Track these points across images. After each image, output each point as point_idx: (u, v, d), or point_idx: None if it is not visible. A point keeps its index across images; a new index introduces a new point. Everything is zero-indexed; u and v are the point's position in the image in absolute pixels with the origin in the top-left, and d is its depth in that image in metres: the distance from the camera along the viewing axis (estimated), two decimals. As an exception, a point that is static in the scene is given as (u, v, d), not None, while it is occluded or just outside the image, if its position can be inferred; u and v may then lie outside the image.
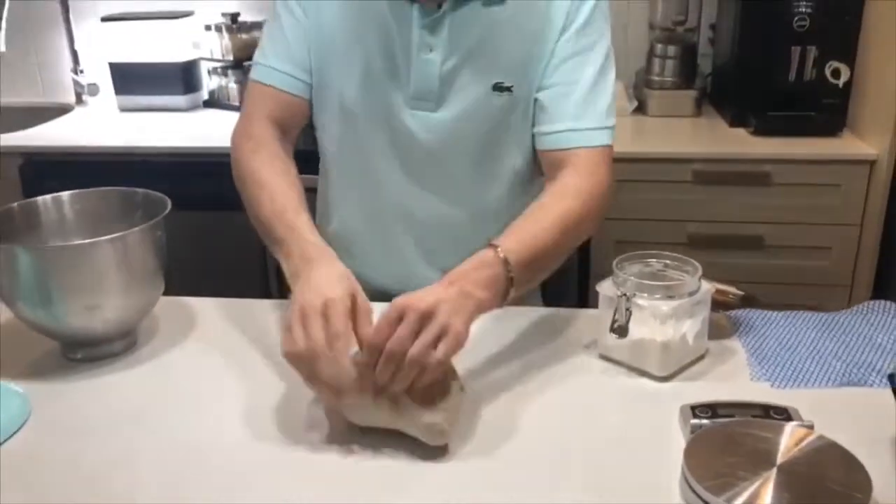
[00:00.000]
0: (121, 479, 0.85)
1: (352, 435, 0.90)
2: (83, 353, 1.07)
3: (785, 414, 0.89)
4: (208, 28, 2.51)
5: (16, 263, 0.98)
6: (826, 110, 2.12)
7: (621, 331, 1.00)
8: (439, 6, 1.12)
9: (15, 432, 0.92)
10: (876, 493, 0.75)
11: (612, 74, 1.18)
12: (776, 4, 2.07)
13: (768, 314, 1.16)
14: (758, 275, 2.09)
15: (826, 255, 2.08)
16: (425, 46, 1.13)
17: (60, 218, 1.13)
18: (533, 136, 1.20)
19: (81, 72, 2.67)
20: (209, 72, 2.58)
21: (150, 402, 0.99)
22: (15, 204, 1.10)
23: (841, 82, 2.07)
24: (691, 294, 1.00)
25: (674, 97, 2.32)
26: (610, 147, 1.17)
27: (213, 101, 2.59)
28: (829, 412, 0.91)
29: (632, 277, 1.00)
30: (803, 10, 2.06)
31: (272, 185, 1.10)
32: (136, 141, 2.25)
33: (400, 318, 0.87)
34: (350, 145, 1.22)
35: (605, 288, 1.04)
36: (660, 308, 0.98)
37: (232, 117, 2.40)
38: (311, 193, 1.21)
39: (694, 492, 0.78)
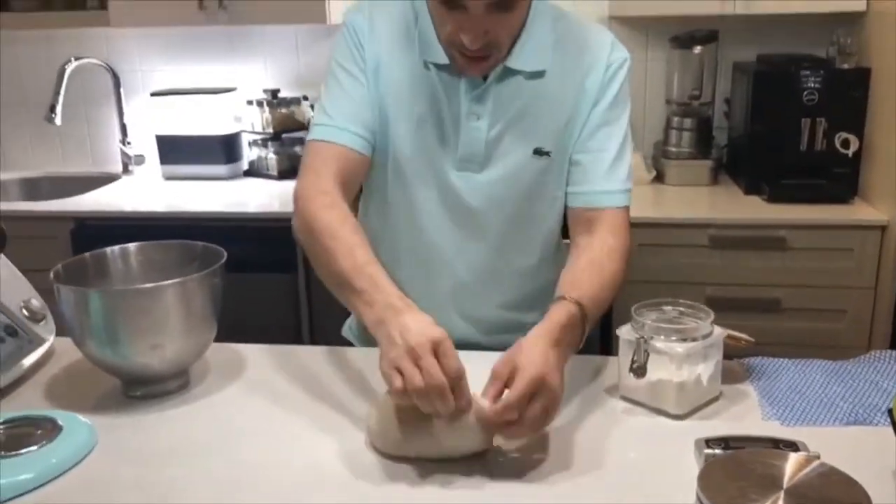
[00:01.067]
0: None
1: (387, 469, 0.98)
2: (143, 390, 1.16)
3: (793, 446, 0.96)
4: (250, 103, 2.68)
5: (89, 305, 1.09)
6: (837, 178, 2.22)
7: (640, 371, 1.08)
8: (485, 79, 1.24)
9: (83, 458, 1.01)
10: (877, 512, 0.81)
11: (631, 143, 1.30)
12: (786, 80, 2.20)
13: (779, 361, 1.23)
14: (775, 336, 2.15)
15: (842, 318, 2.14)
16: (472, 115, 1.24)
17: (126, 267, 1.24)
18: (565, 195, 1.31)
19: (129, 143, 2.84)
20: (250, 143, 2.74)
21: (203, 436, 1.07)
22: (87, 254, 1.21)
23: (850, 152, 2.17)
24: (704, 337, 1.08)
25: (690, 167, 2.43)
26: (629, 207, 1.29)
27: (253, 171, 2.74)
28: (834, 446, 0.97)
29: (649, 321, 1.09)
30: (812, 84, 2.18)
31: (350, 240, 1.14)
32: (178, 206, 2.39)
33: (535, 388, 0.96)
34: (399, 199, 1.32)
35: (625, 332, 1.12)
36: (675, 350, 1.06)
37: (270, 186, 2.57)
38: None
39: (708, 513, 0.84)
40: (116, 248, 1.23)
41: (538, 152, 1.27)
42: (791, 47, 2.48)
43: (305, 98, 2.65)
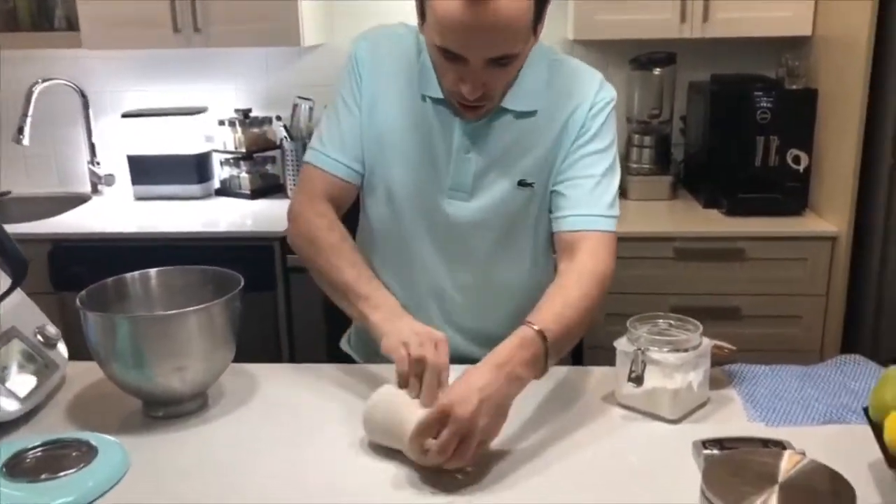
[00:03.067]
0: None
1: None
2: (164, 411, 1.21)
3: (780, 446, 1.06)
4: (222, 123, 2.71)
5: (116, 331, 1.14)
6: (790, 192, 2.36)
7: (638, 380, 1.17)
8: (478, 118, 1.31)
9: (119, 480, 1.06)
10: (861, 502, 0.92)
11: (617, 175, 1.37)
12: (741, 100, 2.33)
13: (756, 368, 1.34)
14: (735, 343, 2.24)
15: (797, 323, 2.28)
16: (464, 149, 1.32)
17: (146, 291, 1.29)
18: (549, 220, 1.38)
19: (98, 163, 2.84)
20: (221, 162, 2.77)
21: (230, 455, 1.13)
22: (108, 279, 1.26)
23: (801, 168, 2.32)
24: (695, 348, 1.18)
25: (651, 182, 2.55)
26: (614, 233, 1.34)
27: (225, 190, 2.77)
28: (814, 444, 1.08)
29: (644, 334, 1.18)
30: (764, 104, 2.32)
31: (352, 257, 1.31)
32: (155, 226, 2.41)
33: (445, 416, 1.04)
34: (392, 224, 1.40)
35: (622, 344, 1.21)
36: (669, 360, 1.16)
37: (243, 204, 2.60)
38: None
39: (712, 506, 0.94)
40: (136, 273, 1.29)
41: (522, 183, 1.34)
42: (742, 68, 2.63)
43: (278, 118, 2.70)
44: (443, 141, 1.34)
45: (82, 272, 2.35)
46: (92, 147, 2.85)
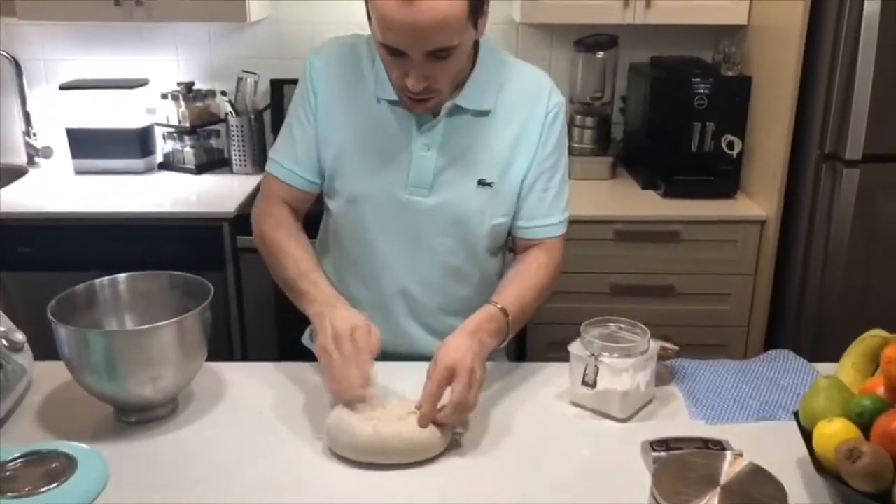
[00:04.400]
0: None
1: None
2: (137, 416, 1.24)
3: (720, 445, 1.16)
4: (164, 96, 2.67)
5: (88, 345, 1.16)
6: (723, 175, 2.48)
7: (590, 384, 1.26)
8: (436, 115, 1.38)
9: (101, 491, 1.09)
10: (791, 500, 1.03)
11: (567, 178, 1.49)
12: (679, 86, 2.42)
13: (696, 363, 1.44)
14: (671, 319, 2.41)
15: (727, 301, 2.42)
16: (423, 146, 1.38)
17: (115, 296, 1.32)
18: (507, 220, 1.47)
19: (34, 135, 2.77)
20: (164, 136, 2.74)
21: (208, 460, 1.17)
22: (79, 286, 1.28)
23: (735, 153, 2.43)
24: (643, 353, 1.27)
25: (592, 163, 2.64)
26: (564, 233, 1.51)
27: (168, 164, 2.74)
28: (751, 442, 1.18)
29: (597, 340, 1.26)
30: (702, 91, 2.41)
31: (295, 253, 1.40)
32: (99, 205, 2.38)
33: (451, 373, 1.18)
34: (356, 225, 1.45)
35: (575, 348, 1.29)
36: (620, 365, 1.25)
37: (188, 180, 2.58)
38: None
39: (661, 508, 1.03)
40: (105, 279, 1.32)
41: (482, 183, 1.42)
42: (681, 50, 2.72)
43: (223, 93, 2.68)
44: (401, 140, 1.40)
45: (26, 252, 2.33)
46: (27, 117, 2.77)
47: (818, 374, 1.39)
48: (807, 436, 1.08)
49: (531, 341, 2.40)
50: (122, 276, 1.31)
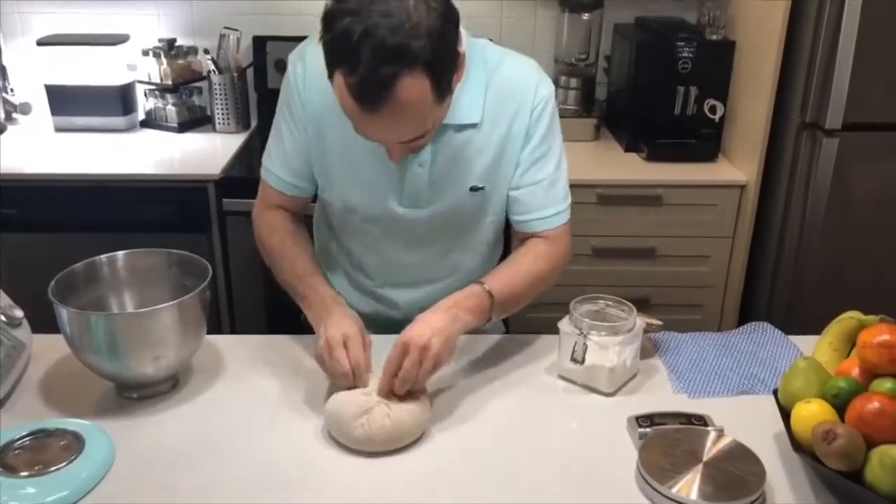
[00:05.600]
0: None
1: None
2: (138, 393, 1.28)
3: (702, 420, 1.22)
4: (146, 53, 2.63)
5: (91, 327, 1.18)
6: (704, 139, 2.51)
7: (579, 360, 1.30)
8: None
9: (110, 468, 1.13)
10: (768, 476, 1.09)
11: (565, 163, 1.45)
12: (664, 50, 2.43)
13: (678, 336, 1.50)
14: (651, 279, 2.47)
15: (706, 263, 2.48)
16: (415, 163, 1.36)
17: (114, 273, 1.34)
18: (502, 216, 1.48)
19: (11, 90, 2.72)
20: (146, 93, 2.71)
21: (212, 435, 1.21)
22: (79, 264, 1.30)
23: (717, 117, 2.46)
24: (629, 330, 1.31)
25: (576, 124, 2.65)
26: (569, 221, 1.47)
27: (150, 122, 2.72)
28: (731, 416, 1.24)
29: (586, 319, 1.31)
30: (686, 55, 2.43)
31: (291, 256, 1.42)
32: (82, 165, 2.37)
33: (405, 349, 1.19)
34: (352, 229, 1.48)
35: (564, 325, 1.34)
36: (607, 342, 1.29)
37: (170, 139, 2.57)
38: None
39: (647, 482, 1.09)
40: (104, 256, 1.33)
41: (474, 189, 1.42)
42: (666, 10, 2.72)
43: (206, 51, 2.64)
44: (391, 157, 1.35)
45: (9, 213, 2.31)
46: (2, 71, 2.72)
47: (795, 349, 1.45)
48: (785, 415, 1.13)
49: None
50: (120, 254, 1.33)
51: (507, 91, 1.37)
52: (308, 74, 1.35)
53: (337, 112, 1.21)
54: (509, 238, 1.58)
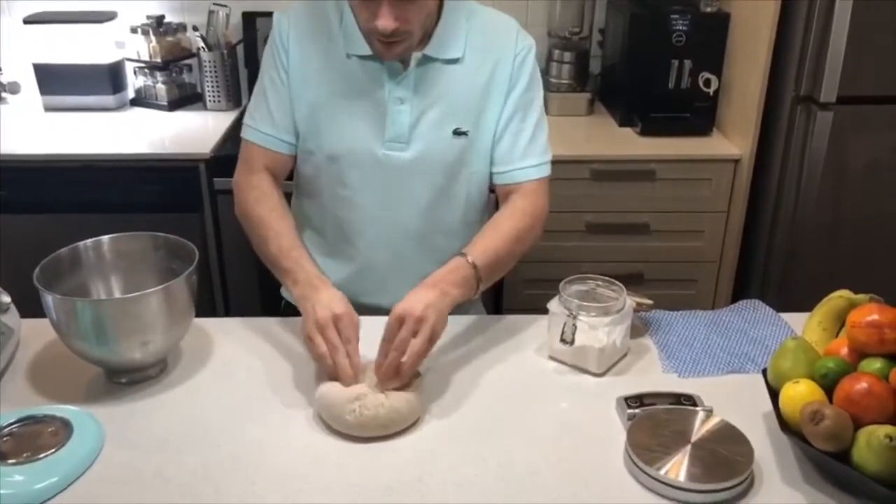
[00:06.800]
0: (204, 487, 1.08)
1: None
2: (127, 377, 1.27)
3: (691, 400, 1.22)
4: (134, 31, 2.60)
5: (77, 314, 1.18)
6: (699, 113, 2.49)
7: (568, 341, 1.30)
8: (406, 67, 1.39)
9: (99, 454, 1.12)
10: (757, 456, 1.09)
11: (545, 119, 1.50)
12: (659, 23, 2.41)
13: (669, 314, 1.49)
14: (645, 255, 2.47)
15: (700, 237, 2.47)
16: (397, 100, 1.39)
17: (100, 258, 1.33)
18: (485, 168, 1.49)
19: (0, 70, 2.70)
20: (135, 71, 2.68)
21: (200, 420, 1.20)
22: (63, 250, 1.28)
23: (711, 91, 2.44)
24: (619, 311, 1.31)
25: (570, 99, 2.63)
26: (547, 177, 1.50)
27: (140, 100, 2.69)
28: (720, 395, 1.24)
29: (576, 300, 1.30)
30: (680, 28, 2.40)
31: (277, 228, 1.39)
32: (73, 146, 2.35)
33: (400, 322, 1.19)
34: (333, 181, 1.47)
35: (554, 306, 1.33)
36: (597, 322, 1.29)
37: (161, 117, 2.55)
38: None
39: (635, 464, 1.09)
40: (89, 241, 1.32)
41: (457, 132, 1.44)
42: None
43: (195, 28, 2.61)
44: (374, 96, 1.41)
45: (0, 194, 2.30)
46: (-10, 51, 2.70)
47: (787, 327, 1.45)
48: (774, 395, 1.13)
49: (507, 280, 2.45)
50: (105, 238, 1.32)
51: (487, 35, 1.43)
52: (293, 27, 1.42)
53: (320, 61, 1.37)
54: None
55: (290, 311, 1.44)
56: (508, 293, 2.50)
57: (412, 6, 1.28)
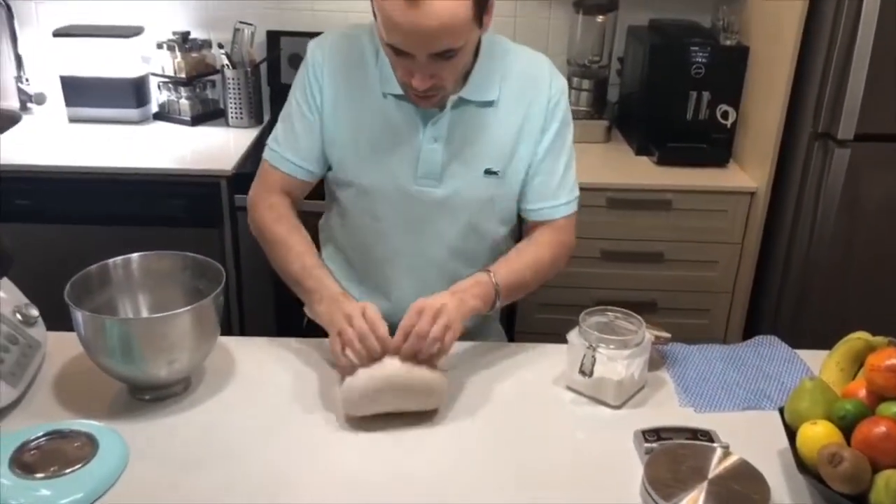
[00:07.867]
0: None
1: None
2: (151, 394, 1.29)
3: (707, 436, 1.23)
4: (160, 46, 2.64)
5: (106, 331, 1.20)
6: (716, 144, 2.51)
7: (587, 373, 1.32)
8: (442, 108, 1.40)
9: (122, 472, 1.14)
10: (773, 496, 1.10)
11: (574, 156, 1.52)
12: (678, 54, 2.43)
13: (686, 348, 1.51)
14: (659, 283, 2.48)
15: (714, 268, 2.48)
16: (430, 139, 1.41)
17: (128, 276, 1.35)
18: (514, 205, 1.52)
19: (27, 80, 2.74)
20: (159, 85, 2.71)
21: (223, 438, 1.22)
22: (92, 267, 1.31)
23: (729, 123, 2.46)
24: (638, 344, 1.32)
25: (588, 126, 2.65)
26: (575, 213, 1.53)
27: (163, 115, 2.72)
28: (736, 431, 1.25)
29: (595, 332, 1.32)
30: (700, 60, 2.43)
31: (298, 248, 1.43)
32: (95, 158, 2.37)
33: (419, 314, 1.25)
34: (363, 211, 1.49)
35: (573, 337, 1.35)
36: (616, 355, 1.30)
37: (183, 132, 2.58)
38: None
39: (652, 498, 1.10)
40: (119, 259, 1.34)
41: (488, 172, 1.45)
42: (680, 13, 2.71)
43: (220, 46, 2.64)
44: (408, 134, 1.42)
45: (23, 204, 2.33)
46: (18, 60, 2.73)
47: (802, 364, 1.46)
48: (791, 434, 1.14)
49: (522, 304, 2.46)
50: (135, 256, 1.34)
51: (523, 78, 1.44)
52: (327, 60, 1.43)
53: (355, 97, 1.40)
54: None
55: (313, 328, 1.46)
56: (522, 316, 2.51)
57: (447, 64, 1.29)
